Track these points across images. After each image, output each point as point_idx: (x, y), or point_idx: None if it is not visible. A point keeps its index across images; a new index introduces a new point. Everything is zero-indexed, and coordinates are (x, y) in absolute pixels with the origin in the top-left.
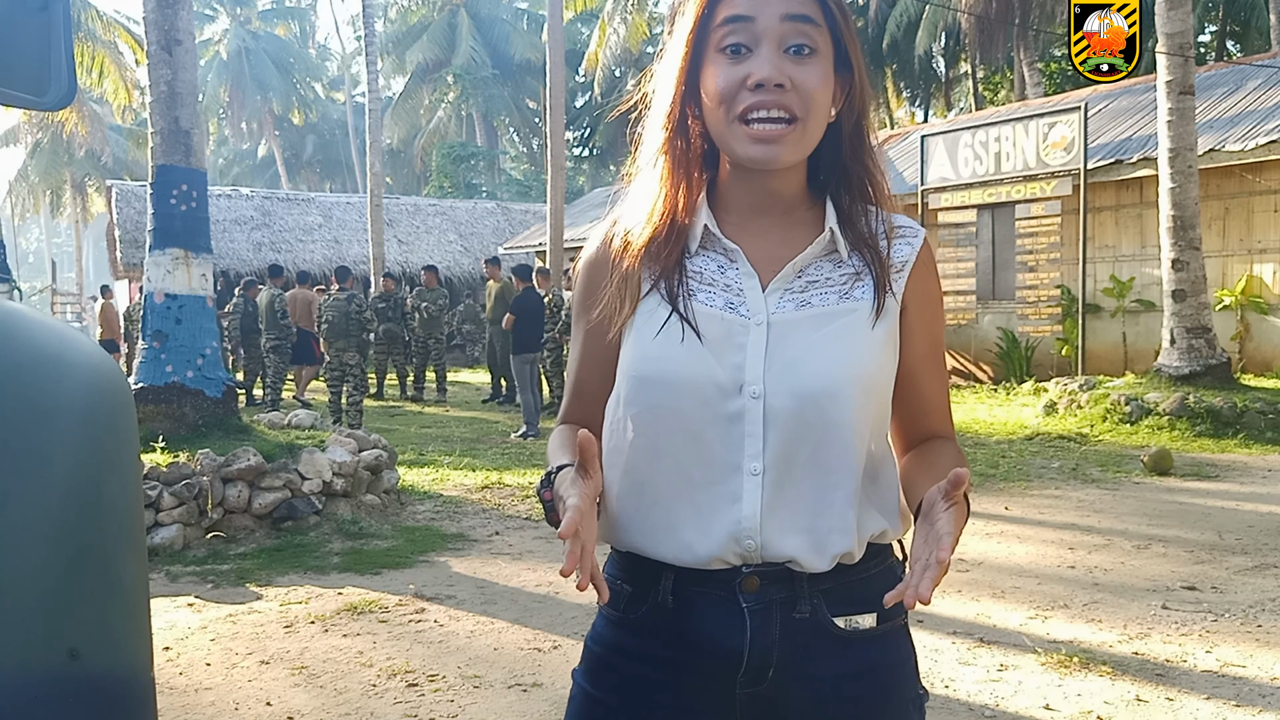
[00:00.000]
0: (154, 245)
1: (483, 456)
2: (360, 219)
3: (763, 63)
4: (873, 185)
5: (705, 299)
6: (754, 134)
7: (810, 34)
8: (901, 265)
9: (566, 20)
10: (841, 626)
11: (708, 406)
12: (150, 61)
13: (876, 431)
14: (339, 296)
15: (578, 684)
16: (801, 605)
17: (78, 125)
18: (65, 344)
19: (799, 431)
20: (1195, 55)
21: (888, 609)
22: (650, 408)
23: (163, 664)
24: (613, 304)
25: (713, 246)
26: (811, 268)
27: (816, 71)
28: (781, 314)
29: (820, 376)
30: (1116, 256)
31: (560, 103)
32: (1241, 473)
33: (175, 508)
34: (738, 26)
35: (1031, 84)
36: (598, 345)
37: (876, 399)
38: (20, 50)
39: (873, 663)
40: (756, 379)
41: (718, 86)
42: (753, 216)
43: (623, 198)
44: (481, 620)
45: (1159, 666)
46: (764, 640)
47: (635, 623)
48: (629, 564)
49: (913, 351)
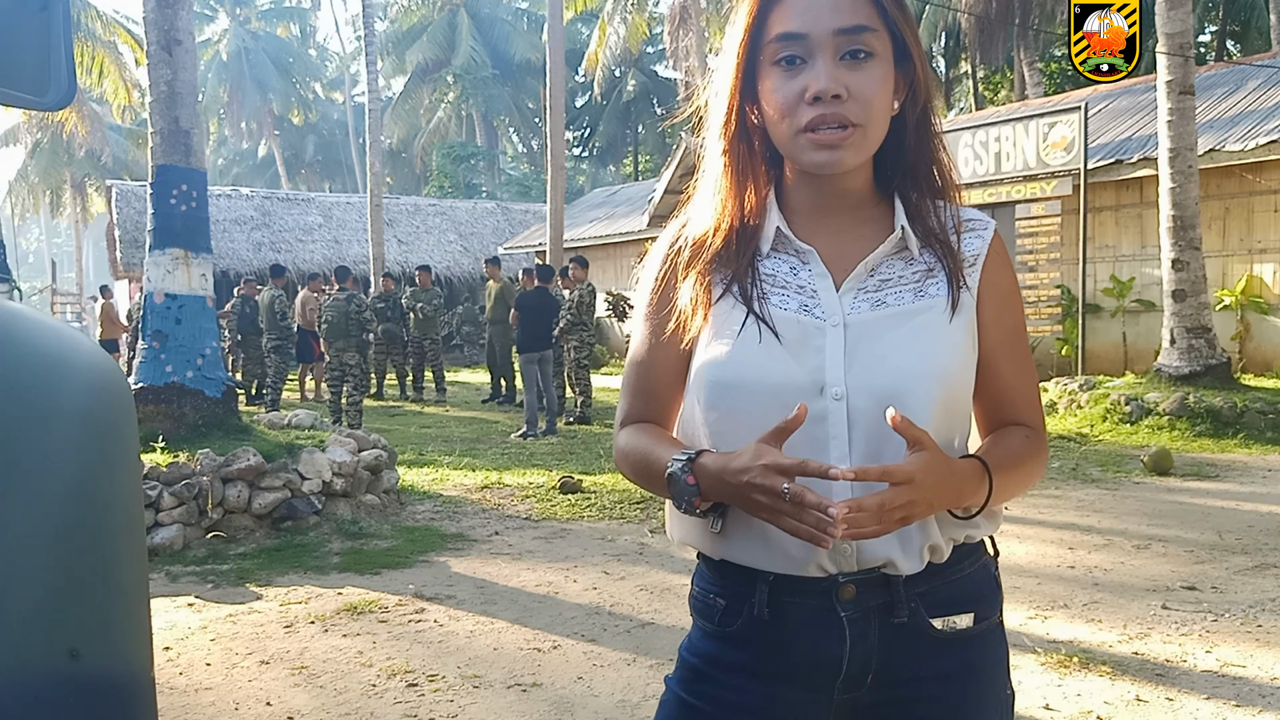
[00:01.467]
0: (154, 245)
1: (483, 456)
2: (360, 219)
3: (819, 75)
4: (940, 175)
5: (779, 301)
6: (816, 140)
7: (865, 39)
8: (974, 259)
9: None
10: (939, 628)
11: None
12: (150, 61)
13: (960, 428)
14: (339, 296)
15: (672, 690)
16: (899, 610)
17: (78, 125)
18: (65, 344)
19: (884, 432)
20: (1195, 55)
21: (982, 609)
22: (730, 412)
23: (163, 664)
24: (686, 311)
25: (784, 248)
26: (883, 266)
27: (875, 75)
28: (857, 314)
29: (903, 376)
30: (1116, 256)
31: (560, 103)
32: (1241, 473)
33: (175, 508)
34: (791, 43)
35: (1031, 84)
36: (670, 350)
37: (959, 396)
38: (20, 50)
39: (969, 663)
40: (838, 380)
41: (777, 101)
42: (821, 217)
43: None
44: (481, 620)
45: (1159, 666)
46: (863, 647)
47: (731, 635)
48: (721, 575)
49: (990, 342)
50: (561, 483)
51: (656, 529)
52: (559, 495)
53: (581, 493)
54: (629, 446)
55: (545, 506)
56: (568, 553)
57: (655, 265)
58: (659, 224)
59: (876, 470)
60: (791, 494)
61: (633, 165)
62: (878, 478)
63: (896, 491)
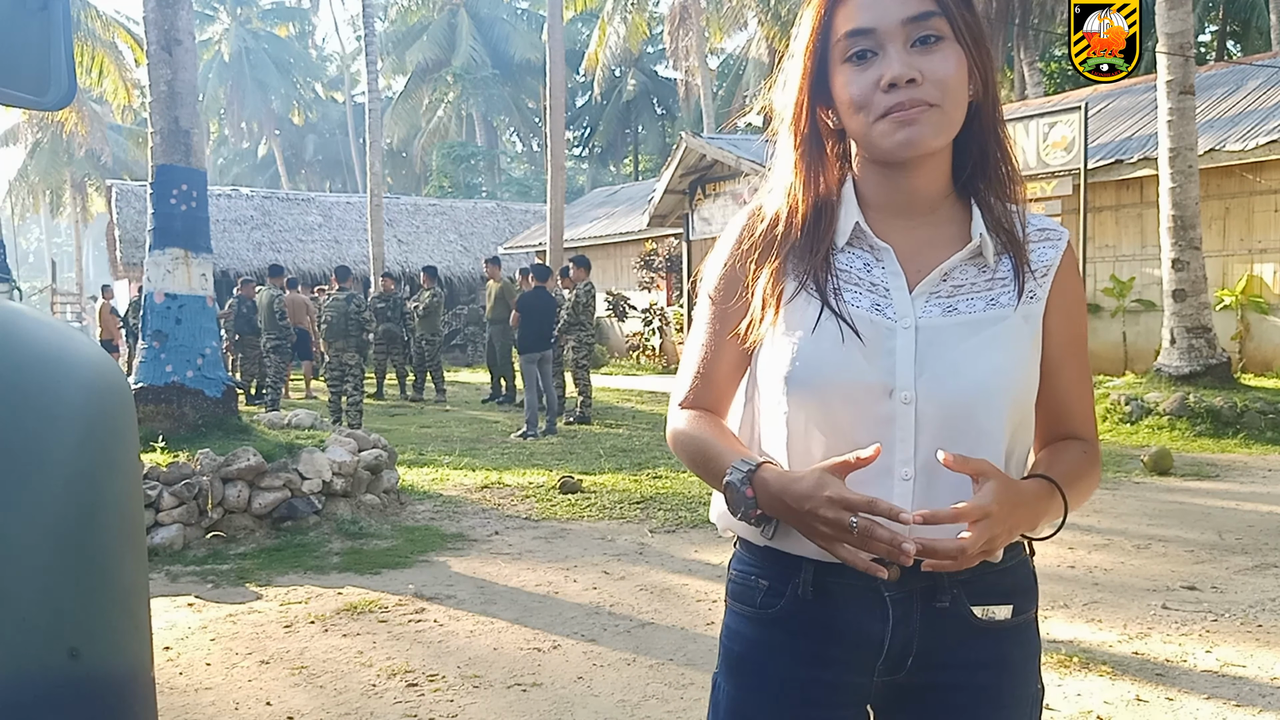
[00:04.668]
0: (154, 245)
1: (483, 456)
2: (360, 219)
3: (892, 62)
4: (1009, 169)
5: (851, 298)
6: (895, 119)
7: (934, 24)
8: (1046, 269)
9: (566, 20)
10: (979, 617)
11: (858, 408)
12: (150, 61)
13: (1026, 440)
14: (338, 296)
15: (721, 687)
16: (942, 596)
17: (78, 125)
18: (65, 344)
19: (949, 438)
20: (1195, 55)
21: (1021, 603)
22: (803, 406)
23: (163, 664)
24: (756, 306)
25: (860, 244)
26: (956, 271)
27: (948, 56)
28: (929, 319)
29: (973, 386)
30: (1116, 256)
31: (560, 103)
32: (1241, 472)
33: (175, 508)
34: (860, 38)
35: (1031, 84)
36: (734, 340)
37: (1023, 408)
38: (20, 50)
39: (1005, 654)
40: (908, 384)
41: (851, 95)
42: (896, 215)
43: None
44: (481, 620)
45: (1159, 666)
46: (905, 629)
47: (773, 617)
48: (764, 559)
49: (1054, 353)
50: (561, 483)
51: (656, 529)
52: (559, 495)
53: (581, 493)
54: (688, 434)
55: (545, 506)
56: (568, 553)
57: (724, 254)
58: (659, 224)
59: (949, 513)
60: (860, 529)
61: (633, 165)
62: (950, 519)
63: (977, 531)
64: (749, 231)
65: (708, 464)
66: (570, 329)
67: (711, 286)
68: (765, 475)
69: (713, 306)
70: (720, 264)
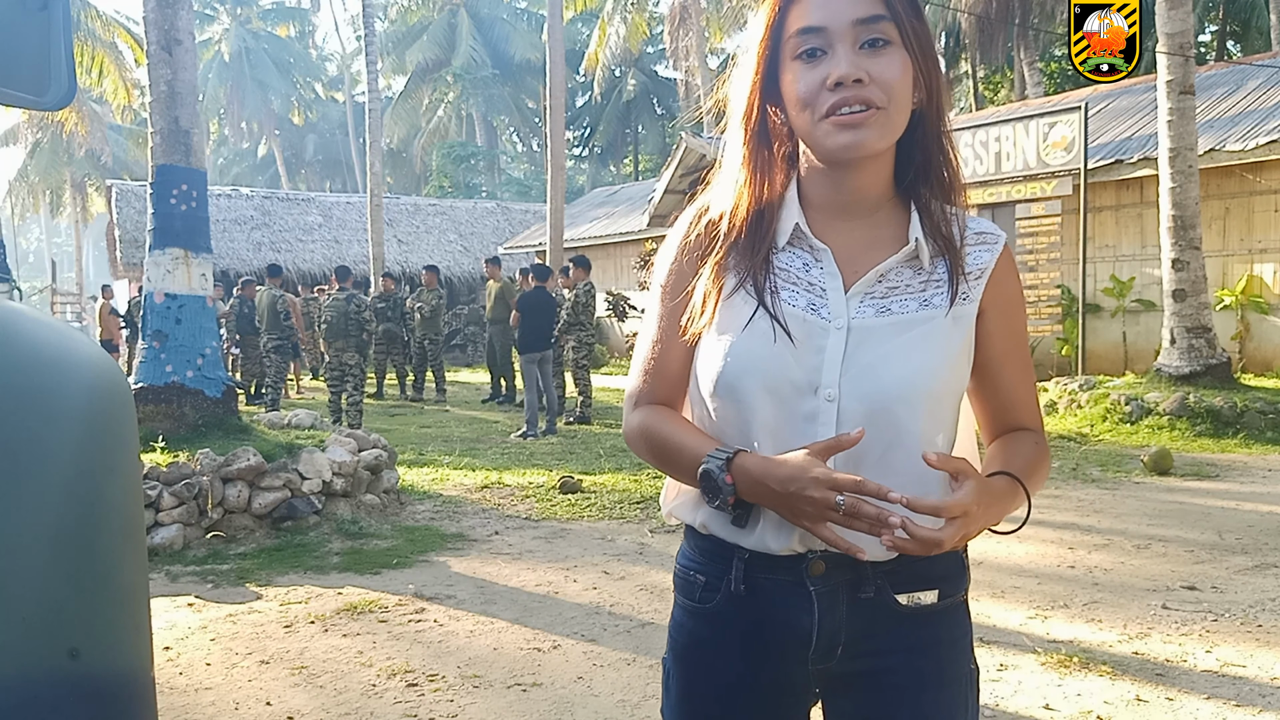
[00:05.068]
0: (154, 245)
1: (483, 456)
2: (360, 219)
3: (840, 61)
4: (951, 176)
5: (788, 297)
6: (839, 122)
7: (882, 28)
8: (981, 271)
9: (566, 20)
10: (904, 603)
11: (784, 405)
12: (150, 61)
13: (945, 430)
14: (339, 296)
15: (671, 672)
16: (866, 586)
17: (78, 125)
18: (65, 344)
19: (870, 435)
20: (1195, 55)
21: (947, 588)
22: (732, 402)
23: (163, 664)
24: (697, 302)
25: (799, 244)
26: (893, 273)
27: (894, 60)
28: (861, 319)
29: (895, 385)
30: (1117, 256)
31: (560, 103)
32: (1241, 472)
33: (175, 508)
34: (811, 35)
35: (1031, 84)
36: (680, 335)
37: (947, 406)
38: (20, 50)
39: (934, 638)
40: (832, 383)
41: (798, 92)
42: (837, 216)
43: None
44: (481, 620)
45: (1159, 666)
46: (832, 619)
47: (710, 612)
48: (703, 554)
49: (994, 351)
50: (561, 483)
51: (656, 529)
52: (559, 495)
53: (581, 493)
54: (649, 429)
55: (545, 506)
56: (568, 553)
57: (672, 249)
58: (659, 224)
59: (928, 504)
60: (847, 506)
61: (633, 165)
62: (929, 511)
63: (955, 527)
64: (695, 227)
65: (674, 456)
66: (571, 329)
67: (661, 281)
68: (744, 462)
69: (662, 302)
70: (668, 259)
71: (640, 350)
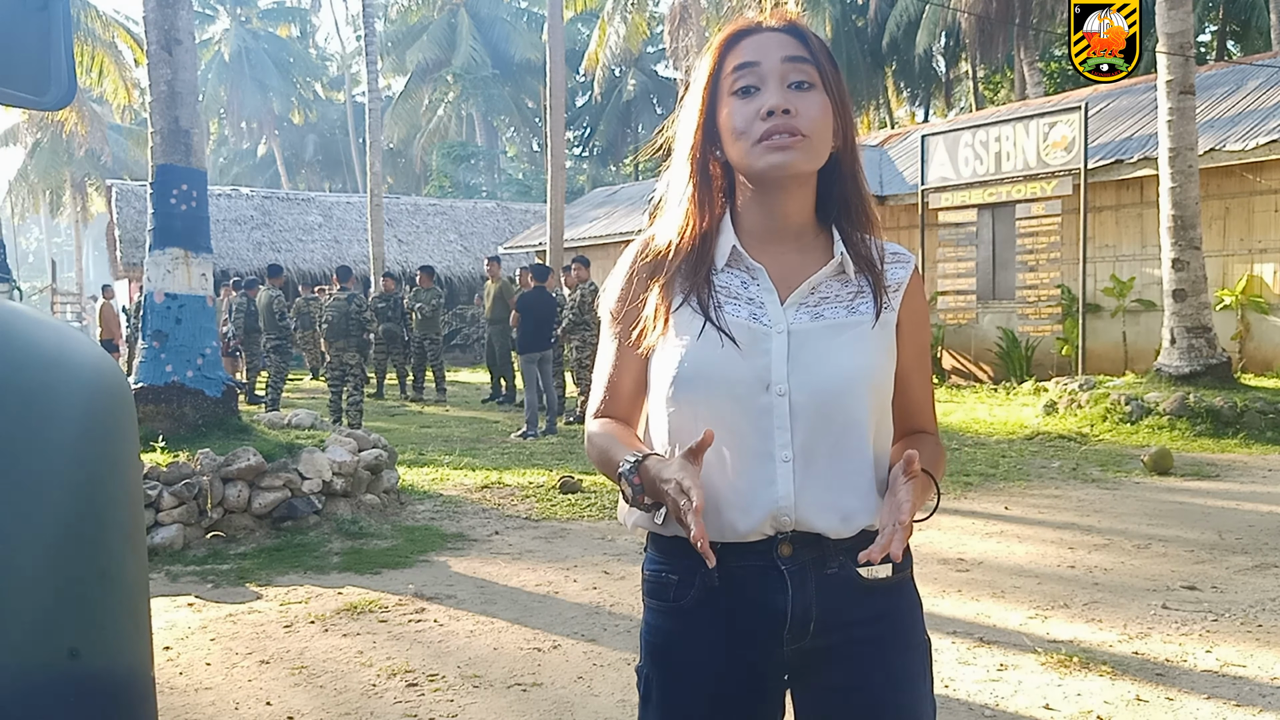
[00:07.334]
0: (154, 245)
1: (483, 456)
2: (360, 219)
3: (771, 94)
4: (866, 210)
5: (732, 310)
6: (770, 144)
7: (807, 71)
8: (897, 285)
9: (566, 20)
10: (865, 577)
11: (740, 402)
12: (150, 61)
13: (883, 424)
14: (339, 296)
15: (650, 679)
16: (830, 563)
17: (78, 125)
18: (65, 344)
19: (821, 424)
20: (1195, 55)
21: (899, 562)
22: (691, 403)
23: (163, 664)
24: (648, 320)
25: (737, 265)
26: (823, 285)
27: (816, 100)
28: (799, 324)
29: (838, 377)
30: (1117, 256)
31: (560, 103)
32: (1241, 472)
33: (175, 508)
34: (746, 71)
35: (1032, 84)
36: (633, 352)
37: (882, 397)
38: (20, 50)
39: (894, 606)
40: (782, 379)
41: (734, 123)
42: (769, 240)
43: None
44: (481, 620)
45: (1159, 666)
46: (804, 596)
47: (686, 608)
48: (671, 555)
49: (905, 359)
50: (561, 483)
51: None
52: (559, 495)
53: (581, 493)
54: (596, 440)
55: (545, 506)
56: (568, 553)
57: (622, 275)
58: None
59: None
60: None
61: (633, 165)
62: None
63: (906, 528)
64: (642, 255)
65: (608, 464)
66: (575, 329)
67: (611, 307)
68: (647, 464)
69: (614, 324)
70: (618, 285)
71: (598, 370)
